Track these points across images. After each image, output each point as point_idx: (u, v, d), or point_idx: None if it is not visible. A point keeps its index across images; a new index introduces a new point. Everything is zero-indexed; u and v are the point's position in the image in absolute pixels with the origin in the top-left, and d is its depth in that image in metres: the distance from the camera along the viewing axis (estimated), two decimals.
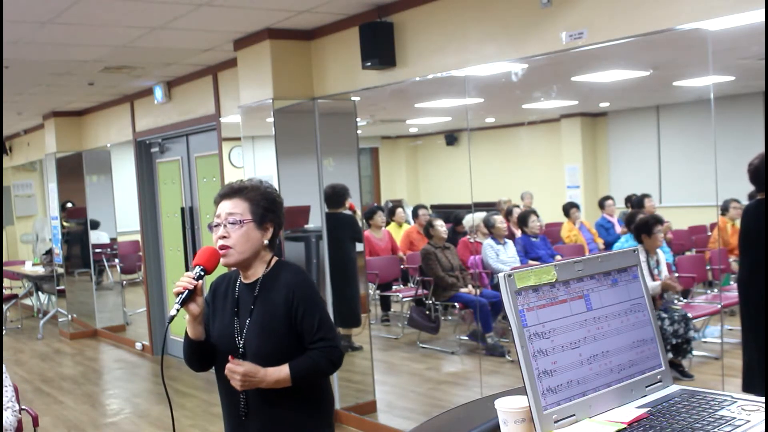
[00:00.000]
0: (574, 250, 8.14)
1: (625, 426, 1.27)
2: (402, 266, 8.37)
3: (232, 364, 2.33)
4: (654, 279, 5.63)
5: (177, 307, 2.25)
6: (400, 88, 4.96)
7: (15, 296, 10.50)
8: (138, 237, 8.43)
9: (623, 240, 6.75)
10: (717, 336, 6.03)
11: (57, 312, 9.99)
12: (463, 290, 6.97)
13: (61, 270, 9.71)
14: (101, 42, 5.39)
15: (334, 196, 5.64)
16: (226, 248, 2.38)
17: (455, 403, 4.64)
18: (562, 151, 10.95)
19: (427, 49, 4.53)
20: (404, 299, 7.85)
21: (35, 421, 3.82)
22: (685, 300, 6.29)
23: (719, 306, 5.88)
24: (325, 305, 2.48)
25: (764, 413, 1.26)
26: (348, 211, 5.80)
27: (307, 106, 5.40)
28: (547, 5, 3.74)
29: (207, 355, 2.47)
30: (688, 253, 7.77)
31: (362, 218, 6.27)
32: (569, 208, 8.78)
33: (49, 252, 10.10)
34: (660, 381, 1.45)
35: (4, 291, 10.02)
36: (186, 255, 7.56)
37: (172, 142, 7.73)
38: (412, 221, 9.37)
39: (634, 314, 1.46)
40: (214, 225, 2.42)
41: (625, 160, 10.64)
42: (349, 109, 5.50)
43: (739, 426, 1.22)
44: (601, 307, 1.41)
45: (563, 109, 10.24)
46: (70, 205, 9.62)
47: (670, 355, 5.40)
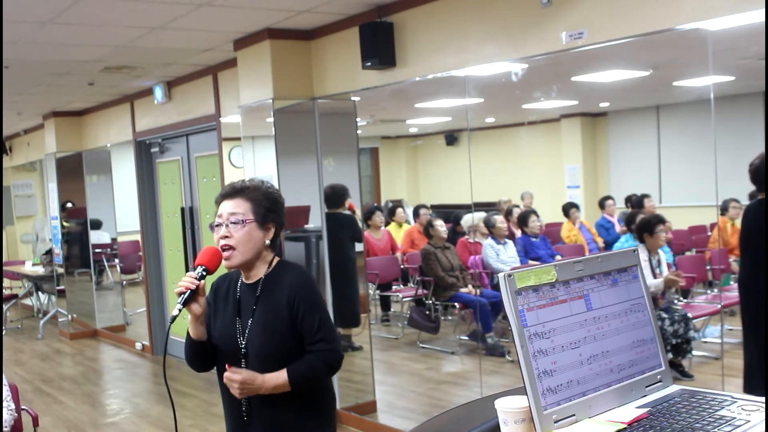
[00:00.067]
0: (574, 250, 8.14)
1: (625, 426, 1.27)
2: (402, 266, 8.37)
3: (230, 373, 2.33)
4: (656, 277, 5.63)
5: (179, 307, 2.25)
6: (400, 88, 4.96)
7: (15, 296, 10.50)
8: (138, 237, 8.43)
9: (623, 240, 6.76)
10: (717, 336, 6.03)
11: (57, 312, 9.99)
12: (463, 290, 6.97)
13: (61, 270, 9.72)
14: (101, 42, 5.39)
15: (334, 196, 5.64)
16: (228, 248, 2.37)
17: (455, 403, 4.64)
18: (562, 151, 10.95)
19: (427, 49, 4.53)
20: (404, 299, 7.85)
21: (35, 421, 3.82)
22: (685, 300, 6.29)
23: (719, 306, 5.88)
24: (326, 307, 2.48)
25: (764, 413, 1.26)
26: (348, 211, 5.81)
27: (307, 106, 5.40)
28: (547, 5, 3.74)
29: (209, 355, 2.47)
30: (688, 253, 7.77)
31: (362, 218, 6.27)
32: (569, 208, 8.78)
33: (49, 252, 10.10)
34: (660, 381, 1.45)
35: (4, 291, 10.02)
36: (186, 255, 7.56)
37: (172, 142, 7.73)
38: (413, 221, 9.37)
39: (634, 314, 1.46)
40: (216, 225, 2.41)
41: (625, 160, 10.63)
42: (349, 109, 5.50)
43: (739, 426, 1.22)
44: (601, 307, 1.41)
45: (563, 109, 10.23)
46: (70, 205, 9.62)
47: (670, 355, 5.40)
